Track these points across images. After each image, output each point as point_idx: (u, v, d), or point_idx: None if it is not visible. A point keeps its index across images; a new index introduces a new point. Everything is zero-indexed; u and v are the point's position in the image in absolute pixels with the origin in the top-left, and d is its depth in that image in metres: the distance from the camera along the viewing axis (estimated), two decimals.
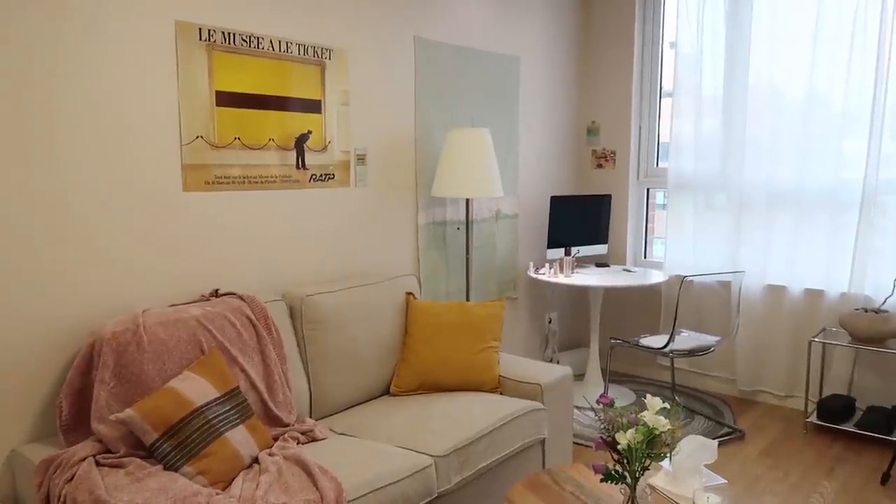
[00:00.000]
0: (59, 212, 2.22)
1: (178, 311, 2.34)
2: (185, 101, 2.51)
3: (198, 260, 2.62)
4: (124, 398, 2.12)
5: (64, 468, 1.92)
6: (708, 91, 4.10)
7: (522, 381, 2.88)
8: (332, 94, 3.02)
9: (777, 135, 3.88)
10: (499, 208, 4.04)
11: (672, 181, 4.26)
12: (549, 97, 4.37)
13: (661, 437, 1.65)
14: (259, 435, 2.25)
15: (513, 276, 4.21)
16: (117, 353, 2.13)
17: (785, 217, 3.91)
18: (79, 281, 2.28)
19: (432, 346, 2.93)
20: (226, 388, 2.22)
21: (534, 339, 4.44)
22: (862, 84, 3.60)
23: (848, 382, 3.77)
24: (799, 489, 3.02)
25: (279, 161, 2.84)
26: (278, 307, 2.68)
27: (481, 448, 2.48)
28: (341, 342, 2.76)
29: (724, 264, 4.12)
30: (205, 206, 2.62)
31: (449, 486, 2.35)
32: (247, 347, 2.45)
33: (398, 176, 3.40)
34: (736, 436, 3.59)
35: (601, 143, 4.61)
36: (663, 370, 4.50)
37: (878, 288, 3.65)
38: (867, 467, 3.22)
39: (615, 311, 4.68)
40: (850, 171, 3.69)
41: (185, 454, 1.99)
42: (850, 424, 3.54)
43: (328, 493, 1.96)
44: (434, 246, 3.64)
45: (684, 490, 2.03)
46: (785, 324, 3.96)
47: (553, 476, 2.21)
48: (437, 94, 3.55)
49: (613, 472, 1.70)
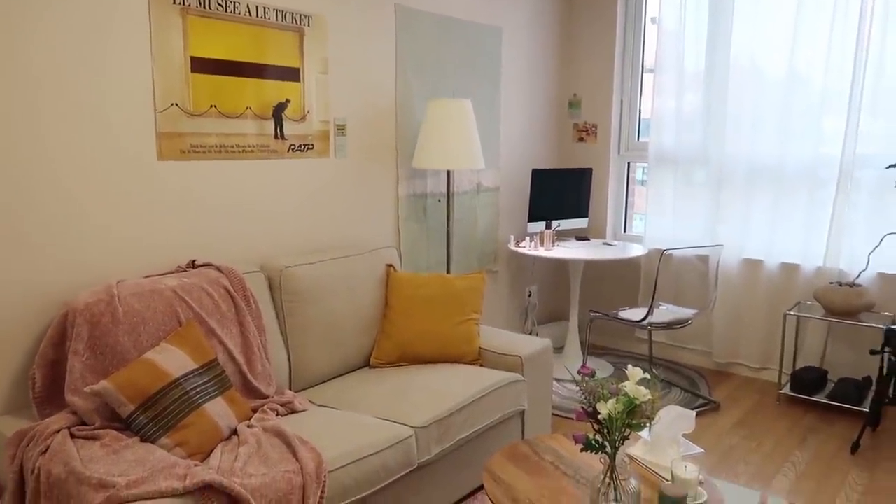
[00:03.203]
0: (31, 180, 2.15)
1: (154, 282, 2.29)
2: (159, 67, 2.44)
3: (174, 230, 2.56)
4: (99, 370, 2.08)
5: (38, 440, 1.89)
6: (690, 66, 4.09)
7: (502, 353, 2.89)
8: (311, 62, 2.96)
9: (758, 111, 3.89)
10: (480, 181, 4.02)
11: (653, 155, 4.27)
12: (530, 69, 4.33)
13: (641, 407, 1.66)
14: (238, 407, 2.23)
15: (493, 248, 4.20)
16: (91, 324, 2.09)
17: (764, 192, 3.93)
18: (51, 251, 2.23)
19: (412, 319, 2.92)
20: (204, 359, 2.20)
21: (514, 312, 4.45)
22: (842, 62, 3.61)
23: (821, 355, 3.84)
24: (772, 459, 3.08)
25: (257, 130, 2.78)
26: (257, 279, 2.64)
27: (461, 419, 2.49)
28: (321, 314, 2.74)
29: (702, 239, 4.15)
30: (180, 175, 2.56)
31: (429, 457, 2.36)
32: (225, 319, 2.42)
33: (378, 147, 3.35)
34: (711, 407, 3.64)
35: (583, 116, 4.59)
36: (641, 343, 4.55)
37: (852, 262, 3.70)
38: (838, 437, 3.30)
39: (595, 284, 4.71)
40: (829, 147, 3.72)
41: (162, 426, 1.97)
42: (823, 396, 3.61)
43: (308, 464, 1.95)
44: (414, 218, 3.61)
45: (662, 459, 2.06)
46: (761, 297, 4.01)
47: (533, 446, 2.22)
48: (418, 64, 3.50)
49: (594, 441, 1.71)
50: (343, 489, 2.05)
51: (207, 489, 1.73)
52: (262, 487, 1.83)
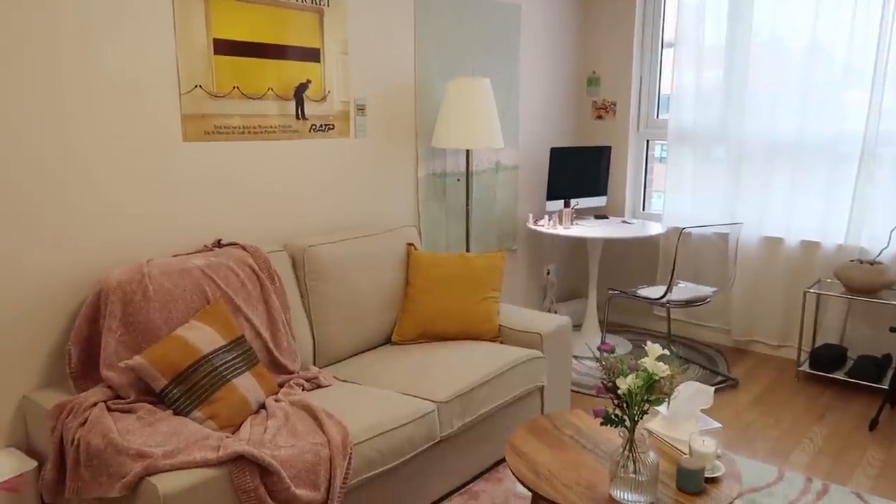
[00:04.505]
0: (62, 164, 2.21)
1: (183, 261, 2.35)
2: (183, 50, 2.47)
3: (199, 210, 2.62)
4: (132, 346, 2.16)
5: (76, 413, 1.96)
6: (710, 41, 4.05)
7: (523, 330, 2.93)
8: (331, 43, 2.98)
9: (778, 86, 3.85)
10: (498, 160, 4.03)
11: (672, 133, 4.24)
12: (549, 47, 4.31)
13: (660, 382, 1.70)
14: (265, 382, 2.29)
15: (512, 227, 4.22)
16: (124, 301, 2.16)
17: (784, 169, 3.91)
18: (82, 232, 2.29)
19: (433, 297, 2.96)
20: (231, 336, 2.26)
21: (532, 291, 4.49)
22: (866, 35, 3.55)
23: (840, 332, 3.84)
24: (790, 435, 3.11)
25: (279, 111, 2.82)
26: (281, 258, 2.69)
27: (482, 394, 2.54)
28: (343, 292, 2.79)
29: (721, 216, 4.14)
30: (205, 156, 2.61)
31: (451, 431, 2.41)
32: (251, 297, 2.48)
33: (398, 127, 3.38)
34: (729, 384, 3.67)
35: (601, 94, 4.57)
36: (660, 321, 4.57)
37: (873, 240, 3.68)
38: (856, 414, 3.31)
39: (613, 262, 4.72)
40: (851, 123, 3.67)
41: (194, 400, 2.04)
42: (841, 373, 3.62)
43: (335, 437, 2.01)
44: (434, 197, 3.64)
45: (680, 434, 2.10)
46: (780, 275, 4.01)
47: (553, 421, 2.27)
48: (436, 43, 3.51)
49: (613, 416, 1.75)
50: (368, 461, 2.11)
51: (239, 460, 1.80)
52: (290, 459, 1.89)
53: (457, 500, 2.54)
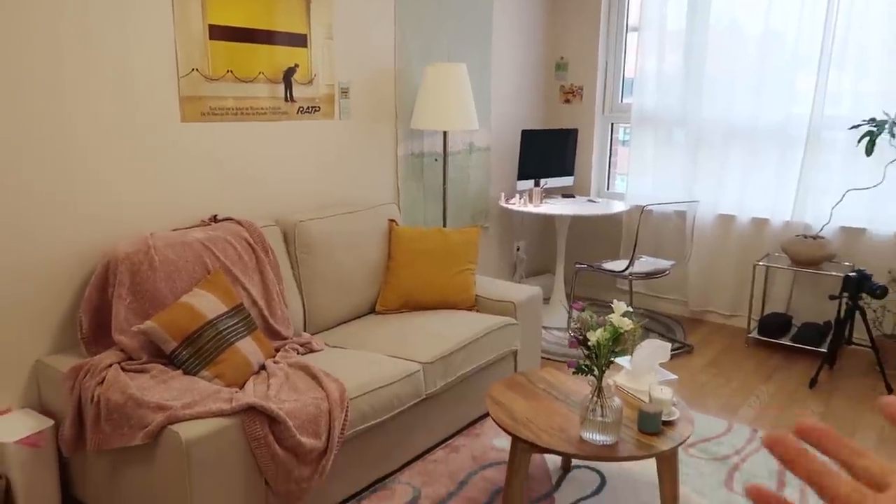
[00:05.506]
0: (67, 144, 2.35)
1: (183, 235, 2.52)
2: (181, 35, 2.61)
3: (196, 187, 2.78)
4: (140, 312, 2.32)
5: (93, 373, 2.13)
6: (672, 26, 4.27)
7: (497, 299, 3.16)
8: (317, 28, 3.14)
9: (734, 71, 4.11)
10: (472, 141, 4.24)
11: (635, 116, 4.50)
12: (520, 33, 4.52)
13: (624, 335, 1.94)
14: (264, 346, 2.48)
15: (485, 206, 4.45)
16: (132, 271, 2.32)
17: (738, 151, 4.20)
18: (87, 209, 2.43)
19: (414, 269, 3.17)
20: (232, 303, 2.44)
21: (503, 266, 4.73)
22: (813, 22, 3.81)
23: (786, 302, 4.17)
24: (739, 393, 3.41)
25: (269, 94, 2.98)
26: (273, 232, 2.87)
27: (462, 357, 2.77)
28: (330, 265, 2.98)
29: (680, 196, 4.43)
30: (201, 136, 2.76)
31: (435, 389, 2.64)
32: (247, 268, 2.66)
33: (379, 109, 3.56)
34: (685, 350, 3.97)
35: (569, 78, 4.80)
36: (622, 293, 4.86)
37: (817, 216, 4.00)
38: (799, 374, 3.64)
39: (579, 239, 4.99)
40: (799, 107, 3.97)
41: (201, 360, 2.22)
42: (787, 339, 3.95)
43: (333, 392, 2.22)
44: (413, 176, 3.83)
45: (642, 385, 2.36)
46: (733, 250, 4.32)
47: (527, 377, 2.51)
48: (416, 29, 3.68)
49: (584, 366, 1.99)
50: (362, 415, 2.32)
51: (250, 410, 2.00)
52: (294, 411, 2.09)
53: (439, 453, 2.78)
